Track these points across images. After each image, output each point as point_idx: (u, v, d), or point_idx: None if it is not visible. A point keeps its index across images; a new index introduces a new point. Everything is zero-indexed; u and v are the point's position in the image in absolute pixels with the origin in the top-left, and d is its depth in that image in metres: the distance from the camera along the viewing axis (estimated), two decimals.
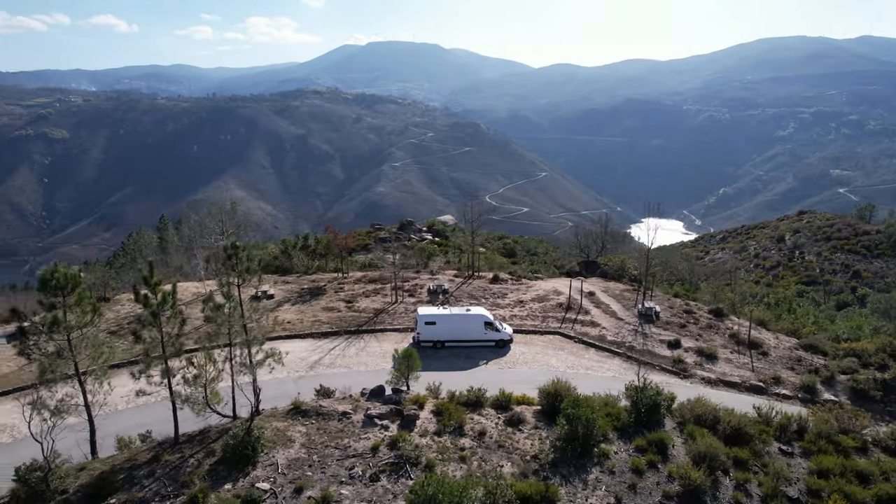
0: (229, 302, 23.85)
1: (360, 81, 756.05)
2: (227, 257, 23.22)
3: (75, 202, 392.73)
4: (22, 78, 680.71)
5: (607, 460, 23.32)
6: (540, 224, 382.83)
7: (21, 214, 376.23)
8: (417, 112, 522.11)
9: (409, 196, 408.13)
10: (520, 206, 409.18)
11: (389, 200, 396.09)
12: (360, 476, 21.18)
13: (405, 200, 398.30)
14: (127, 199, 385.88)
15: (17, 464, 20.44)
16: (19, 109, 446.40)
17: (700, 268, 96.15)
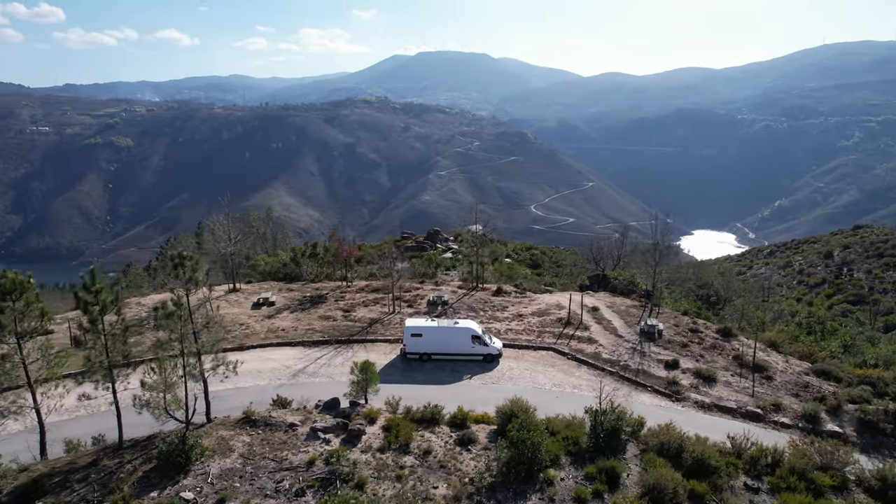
0: (179, 310, 24.10)
1: (409, 91, 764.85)
2: (174, 266, 23.50)
3: (136, 207, 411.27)
4: (94, 89, 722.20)
5: (550, 487, 22.26)
6: (585, 235, 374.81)
7: (87, 218, 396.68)
8: (464, 121, 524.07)
9: (454, 205, 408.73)
10: (565, 217, 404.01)
11: (435, 209, 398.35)
12: (286, 490, 20.94)
13: (450, 209, 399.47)
14: (183, 204, 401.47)
15: None
16: (90, 119, 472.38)
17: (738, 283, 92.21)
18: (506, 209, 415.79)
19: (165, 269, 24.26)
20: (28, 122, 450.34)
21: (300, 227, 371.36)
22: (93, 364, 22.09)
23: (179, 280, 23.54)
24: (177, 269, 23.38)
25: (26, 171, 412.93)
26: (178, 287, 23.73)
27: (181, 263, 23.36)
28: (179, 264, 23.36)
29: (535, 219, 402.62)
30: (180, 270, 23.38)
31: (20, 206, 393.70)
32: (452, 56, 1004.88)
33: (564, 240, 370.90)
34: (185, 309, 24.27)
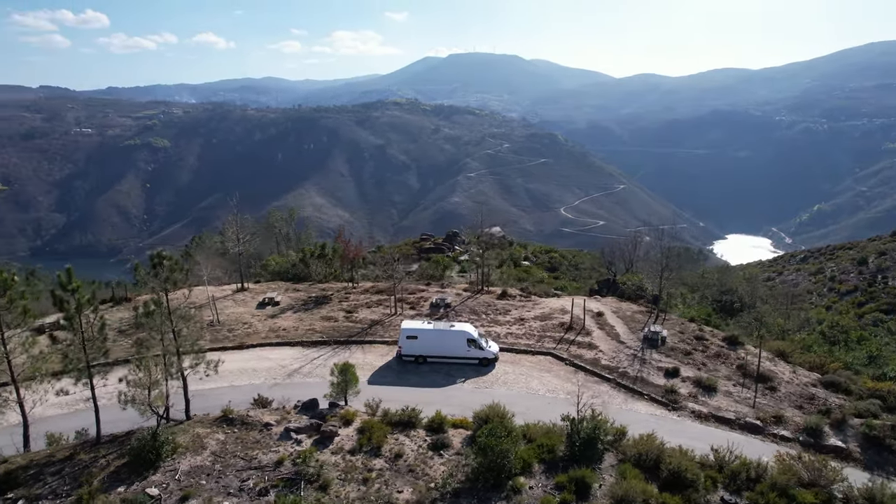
0: (159, 309, 24.57)
1: (440, 93, 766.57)
2: (153, 266, 23.96)
3: (172, 206, 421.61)
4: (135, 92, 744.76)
5: (517, 495, 21.91)
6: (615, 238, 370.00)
7: (126, 217, 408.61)
8: (494, 123, 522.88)
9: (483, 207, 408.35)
10: (595, 220, 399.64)
11: (463, 210, 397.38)
12: (250, 489, 21.12)
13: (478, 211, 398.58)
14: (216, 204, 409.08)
15: None
16: (130, 121, 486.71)
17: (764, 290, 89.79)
18: (535, 211, 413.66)
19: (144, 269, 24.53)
20: (72, 124, 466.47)
21: (330, 227, 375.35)
22: (70, 361, 22.63)
23: (158, 279, 23.96)
24: (155, 268, 23.83)
25: (70, 171, 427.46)
26: (157, 286, 24.18)
27: (159, 263, 23.79)
28: (158, 264, 23.79)
29: (565, 221, 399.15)
30: (158, 270, 23.79)
31: (64, 204, 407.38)
32: (483, 58, 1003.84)
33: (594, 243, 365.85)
34: (165, 308, 24.72)
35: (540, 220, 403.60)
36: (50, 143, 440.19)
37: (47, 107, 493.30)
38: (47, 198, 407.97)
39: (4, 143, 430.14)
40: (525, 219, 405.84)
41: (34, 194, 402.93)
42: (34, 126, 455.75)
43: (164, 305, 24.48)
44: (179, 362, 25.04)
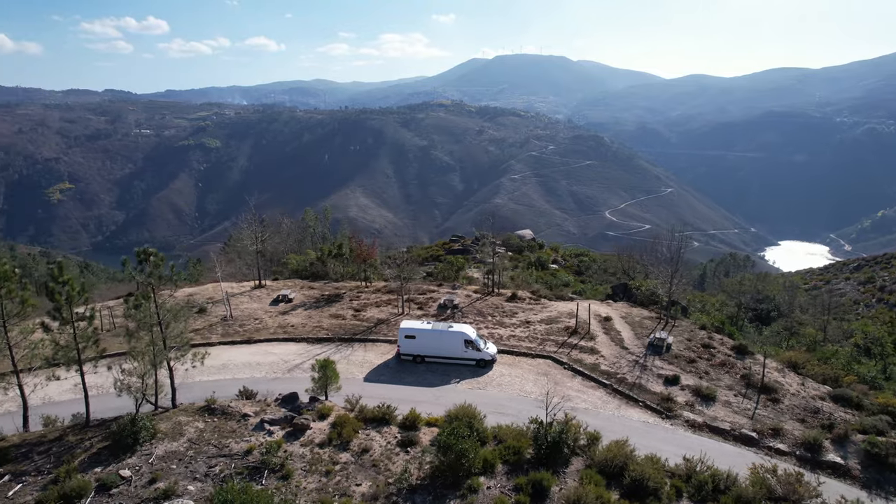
0: (148, 302, 25.95)
1: (486, 94, 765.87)
2: (139, 261, 25.33)
3: (222, 204, 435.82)
4: (190, 95, 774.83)
5: (473, 494, 22.16)
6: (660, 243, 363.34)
7: (179, 214, 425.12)
8: (539, 124, 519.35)
9: (527, 209, 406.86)
10: (641, 224, 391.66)
11: (506, 212, 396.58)
12: (215, 475, 22.12)
13: (522, 213, 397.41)
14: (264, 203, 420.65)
15: None
16: (185, 122, 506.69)
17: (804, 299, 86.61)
18: (579, 214, 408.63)
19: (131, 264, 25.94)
20: (132, 126, 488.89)
21: (374, 227, 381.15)
22: (60, 348, 24.19)
23: (144, 274, 25.31)
24: (141, 264, 25.19)
25: (129, 170, 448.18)
26: (143, 280, 25.55)
27: (145, 259, 25.14)
28: (144, 260, 25.15)
29: (610, 225, 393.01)
30: (145, 265, 25.14)
31: (123, 202, 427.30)
32: (530, 59, 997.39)
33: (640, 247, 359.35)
34: (153, 302, 26.07)
35: (584, 224, 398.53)
36: (112, 143, 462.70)
37: (111, 109, 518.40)
38: (108, 195, 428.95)
39: (72, 144, 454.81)
40: (569, 221, 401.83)
41: (97, 192, 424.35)
42: (98, 128, 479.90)
43: (151, 299, 25.83)
44: (165, 353, 26.29)
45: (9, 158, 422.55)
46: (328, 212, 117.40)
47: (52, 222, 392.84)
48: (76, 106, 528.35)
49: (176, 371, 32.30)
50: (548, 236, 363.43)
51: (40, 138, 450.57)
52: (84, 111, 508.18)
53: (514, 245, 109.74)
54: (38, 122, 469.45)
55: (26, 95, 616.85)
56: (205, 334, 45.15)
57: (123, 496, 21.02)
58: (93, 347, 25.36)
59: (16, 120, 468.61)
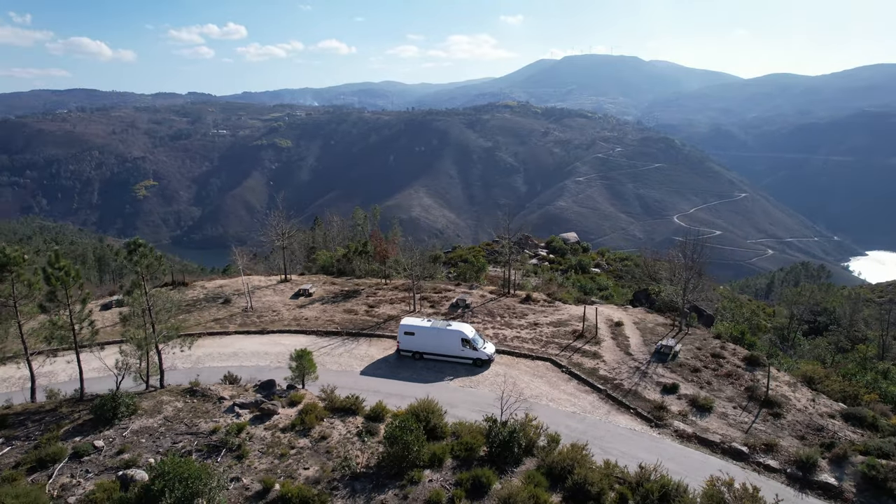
0: (139, 290, 28.12)
1: (553, 95, 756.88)
2: (128, 253, 27.46)
3: (291, 202, 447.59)
4: (265, 96, 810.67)
5: (413, 486, 22.73)
6: (733, 250, 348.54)
7: (250, 211, 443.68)
8: (607, 126, 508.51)
9: (591, 212, 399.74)
10: (711, 229, 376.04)
11: (570, 215, 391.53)
12: (176, 450, 23.79)
13: (585, 216, 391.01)
14: (330, 202, 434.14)
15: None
16: (259, 123, 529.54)
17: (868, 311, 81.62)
18: (645, 218, 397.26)
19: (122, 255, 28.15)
20: (211, 126, 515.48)
21: (436, 227, 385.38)
22: (55, 328, 26.63)
23: (133, 265, 27.41)
24: (131, 255, 27.32)
25: (207, 168, 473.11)
26: (133, 271, 27.68)
27: (134, 251, 27.26)
28: (133, 251, 27.28)
29: (678, 230, 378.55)
30: (134, 257, 27.25)
31: (200, 199, 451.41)
32: (600, 59, 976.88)
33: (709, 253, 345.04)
34: (144, 290, 28.20)
35: (651, 228, 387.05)
36: (192, 143, 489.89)
37: (192, 111, 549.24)
38: (187, 192, 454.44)
39: (157, 144, 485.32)
40: (634, 226, 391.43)
41: (177, 189, 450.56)
42: (181, 128, 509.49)
43: (143, 286, 27.97)
44: (154, 337, 28.35)
45: (103, 157, 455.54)
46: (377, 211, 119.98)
47: (138, 217, 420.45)
48: (162, 108, 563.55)
49: (179, 356, 34.85)
50: (612, 240, 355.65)
51: (130, 138, 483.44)
52: (169, 113, 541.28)
53: (557, 248, 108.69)
54: (129, 123, 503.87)
55: (120, 99, 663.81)
56: (224, 324, 47.83)
57: (92, 464, 23.02)
58: (88, 328, 27.65)
59: (110, 122, 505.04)
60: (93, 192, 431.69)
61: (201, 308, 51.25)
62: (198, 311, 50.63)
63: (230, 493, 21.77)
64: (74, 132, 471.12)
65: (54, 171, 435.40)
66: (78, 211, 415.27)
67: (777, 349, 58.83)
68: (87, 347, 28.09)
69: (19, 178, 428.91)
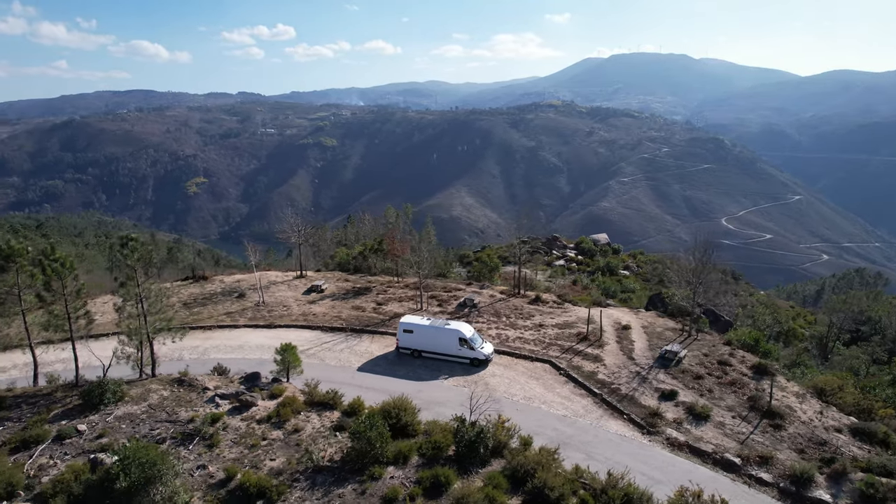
0: (130, 283, 29.32)
1: (599, 95, 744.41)
2: (121, 246, 28.65)
3: (335, 200, 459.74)
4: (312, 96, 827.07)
5: (373, 481, 22.92)
6: (784, 255, 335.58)
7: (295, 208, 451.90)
8: (654, 126, 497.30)
9: (635, 213, 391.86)
10: (761, 233, 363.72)
11: (613, 216, 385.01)
12: (152, 436, 24.72)
13: (630, 217, 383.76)
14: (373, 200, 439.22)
15: None
16: (305, 122, 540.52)
17: None
18: (692, 220, 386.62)
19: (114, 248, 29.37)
20: (259, 125, 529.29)
21: (477, 227, 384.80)
22: (52, 317, 28.05)
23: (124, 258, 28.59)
24: (123, 248, 28.50)
25: (255, 166, 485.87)
26: (124, 264, 28.85)
27: (125, 244, 28.43)
28: (124, 245, 28.45)
29: (726, 233, 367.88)
30: (125, 250, 28.41)
31: (248, 196, 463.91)
32: (648, 58, 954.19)
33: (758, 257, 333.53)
34: (136, 282, 29.38)
35: (697, 230, 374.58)
36: (241, 141, 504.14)
37: (241, 110, 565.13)
38: (235, 189, 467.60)
39: (208, 142, 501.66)
40: (680, 228, 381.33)
41: (226, 186, 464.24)
42: (231, 127, 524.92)
43: (136, 279, 29.15)
44: (145, 327, 29.50)
45: (157, 155, 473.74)
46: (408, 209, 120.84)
47: (188, 213, 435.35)
48: (213, 107, 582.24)
49: (187, 348, 36.22)
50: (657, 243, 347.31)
51: (183, 137, 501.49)
52: (220, 112, 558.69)
53: (586, 249, 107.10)
54: (182, 122, 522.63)
55: (175, 99, 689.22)
56: (235, 317, 49.21)
57: (72, 446, 24.18)
58: (84, 317, 29.01)
59: (165, 121, 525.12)
60: (147, 189, 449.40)
61: (216, 301, 52.87)
62: (213, 304, 52.27)
63: (195, 479, 22.49)
64: (132, 131, 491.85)
65: (113, 168, 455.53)
66: (134, 206, 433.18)
67: (808, 358, 56.46)
68: (83, 337, 29.34)
69: (82, 175, 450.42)
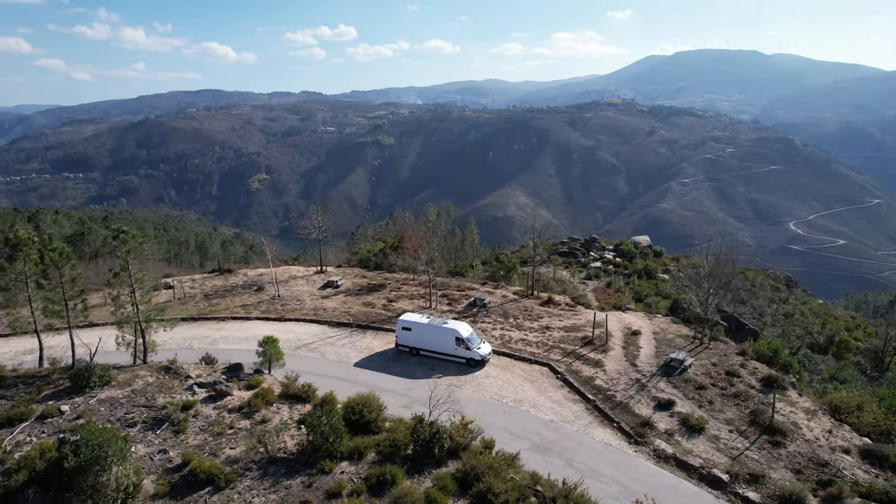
0: (123, 272, 30.81)
1: (662, 93, 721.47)
2: (114, 238, 30.11)
3: (391, 198, 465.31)
4: (371, 95, 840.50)
5: (322, 475, 23.08)
6: (860, 262, 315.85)
7: (353, 205, 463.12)
8: (718, 125, 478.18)
9: (696, 215, 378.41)
10: (834, 238, 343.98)
11: (673, 218, 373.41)
12: (126, 420, 25.92)
13: (690, 220, 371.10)
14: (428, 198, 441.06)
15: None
16: (364, 121, 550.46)
17: None
18: (757, 224, 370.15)
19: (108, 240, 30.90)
20: (319, 124, 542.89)
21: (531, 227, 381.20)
22: (49, 302, 29.83)
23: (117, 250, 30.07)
24: (115, 239, 29.96)
25: (314, 164, 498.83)
26: (117, 256, 30.32)
27: (117, 236, 29.87)
28: (116, 237, 29.90)
29: (794, 238, 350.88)
30: (117, 242, 29.87)
31: (307, 192, 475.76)
32: (715, 54, 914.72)
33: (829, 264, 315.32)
34: (128, 273, 30.83)
35: (762, 235, 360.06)
36: (302, 139, 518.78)
37: (303, 109, 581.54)
38: (295, 186, 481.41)
39: (270, 140, 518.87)
40: (744, 232, 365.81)
41: (286, 183, 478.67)
42: (292, 125, 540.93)
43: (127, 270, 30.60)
44: (136, 316, 30.93)
45: (223, 152, 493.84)
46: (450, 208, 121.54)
47: (250, 208, 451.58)
48: (277, 106, 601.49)
49: (197, 337, 37.66)
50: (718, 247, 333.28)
51: (247, 135, 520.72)
52: (282, 111, 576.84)
53: (626, 251, 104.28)
54: (247, 120, 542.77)
55: (241, 98, 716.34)
56: (249, 310, 50.77)
57: (51, 426, 25.64)
58: (81, 304, 30.71)
59: (231, 119, 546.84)
60: (213, 185, 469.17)
61: (236, 294, 54.70)
62: (232, 296, 54.11)
63: (154, 463, 23.43)
64: (201, 129, 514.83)
65: (182, 164, 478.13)
66: (200, 201, 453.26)
67: (855, 373, 53.07)
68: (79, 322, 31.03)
69: (154, 171, 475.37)
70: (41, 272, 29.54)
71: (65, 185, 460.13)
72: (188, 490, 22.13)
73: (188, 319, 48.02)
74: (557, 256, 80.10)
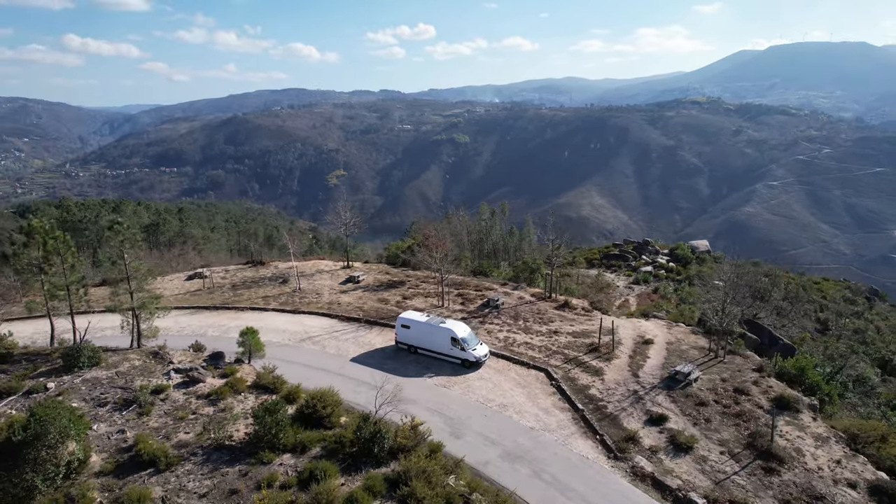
0: (122, 261, 32.73)
1: (752, 90, 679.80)
2: (108, 228, 31.97)
3: (464, 196, 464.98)
4: (448, 93, 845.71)
5: (260, 465, 23.55)
6: None
7: (426, 202, 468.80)
8: (814, 124, 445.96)
9: (785, 220, 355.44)
10: None
11: (758, 223, 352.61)
12: (99, 399, 27.53)
13: (778, 225, 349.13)
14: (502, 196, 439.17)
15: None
16: (440, 119, 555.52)
17: None
18: (855, 231, 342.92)
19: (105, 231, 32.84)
20: (396, 122, 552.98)
21: (606, 228, 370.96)
22: (52, 286, 32.13)
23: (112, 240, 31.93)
24: (111, 229, 31.82)
25: (391, 161, 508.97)
26: (113, 246, 32.21)
27: (112, 227, 31.70)
28: (110, 228, 31.75)
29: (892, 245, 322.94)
30: (112, 232, 31.72)
31: (383, 189, 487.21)
32: (814, 48, 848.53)
33: None
34: (124, 262, 32.70)
35: (860, 243, 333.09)
36: (379, 137, 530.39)
37: (382, 107, 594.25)
38: (371, 182, 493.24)
39: (349, 137, 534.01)
40: (839, 239, 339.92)
41: (363, 179, 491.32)
42: (371, 123, 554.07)
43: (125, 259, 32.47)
44: (130, 303, 32.75)
45: (304, 149, 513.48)
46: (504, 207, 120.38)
47: (328, 203, 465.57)
48: (356, 105, 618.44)
49: (211, 325, 39.52)
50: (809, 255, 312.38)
51: (327, 132, 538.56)
52: (362, 109, 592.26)
53: (681, 256, 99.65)
54: (327, 118, 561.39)
55: (322, 97, 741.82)
56: (268, 301, 52.44)
57: (34, 401, 27.61)
58: (83, 289, 32.89)
59: (312, 117, 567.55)
60: (293, 180, 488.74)
61: (261, 285, 56.72)
62: (257, 287, 56.15)
63: (110, 442, 24.73)
64: (284, 126, 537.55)
65: (266, 160, 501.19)
66: (281, 196, 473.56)
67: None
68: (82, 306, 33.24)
69: (240, 166, 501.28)
70: (44, 257, 31.85)
71: (161, 178, 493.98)
72: (131, 470, 23.17)
73: (209, 308, 50.33)
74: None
